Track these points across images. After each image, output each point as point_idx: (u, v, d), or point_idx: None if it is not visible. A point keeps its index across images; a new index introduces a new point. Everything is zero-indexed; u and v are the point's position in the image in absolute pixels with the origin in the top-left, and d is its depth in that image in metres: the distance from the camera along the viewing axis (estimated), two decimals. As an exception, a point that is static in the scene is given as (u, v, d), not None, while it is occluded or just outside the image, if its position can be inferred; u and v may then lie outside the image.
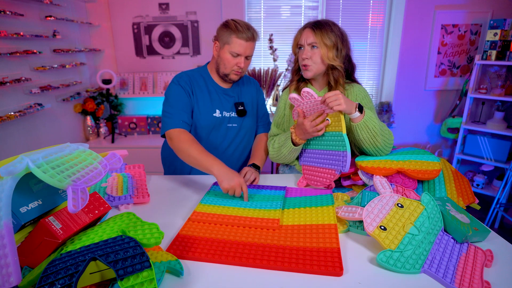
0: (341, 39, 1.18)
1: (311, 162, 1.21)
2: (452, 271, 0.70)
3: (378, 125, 1.10)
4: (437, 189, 1.02)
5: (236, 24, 1.23)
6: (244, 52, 1.25)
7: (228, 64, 1.27)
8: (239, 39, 1.22)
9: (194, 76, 1.36)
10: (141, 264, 0.60)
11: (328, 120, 1.12)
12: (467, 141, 2.76)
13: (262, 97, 1.52)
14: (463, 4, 2.69)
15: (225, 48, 1.26)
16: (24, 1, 2.04)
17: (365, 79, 3.01)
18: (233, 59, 1.26)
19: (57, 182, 0.63)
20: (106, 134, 2.88)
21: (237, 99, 1.40)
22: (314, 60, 1.19)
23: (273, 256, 0.76)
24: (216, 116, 1.35)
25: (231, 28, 1.22)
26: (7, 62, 1.91)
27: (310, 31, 1.18)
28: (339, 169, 1.08)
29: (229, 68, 1.28)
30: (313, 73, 1.21)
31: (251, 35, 1.23)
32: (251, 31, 1.23)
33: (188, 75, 1.35)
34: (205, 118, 1.34)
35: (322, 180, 1.14)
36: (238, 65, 1.27)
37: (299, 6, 2.81)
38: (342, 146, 1.08)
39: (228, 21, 1.26)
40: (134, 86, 2.87)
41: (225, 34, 1.24)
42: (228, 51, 1.25)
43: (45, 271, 0.56)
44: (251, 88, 1.47)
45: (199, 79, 1.36)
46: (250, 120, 1.45)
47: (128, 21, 2.78)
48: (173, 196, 1.16)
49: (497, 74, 2.57)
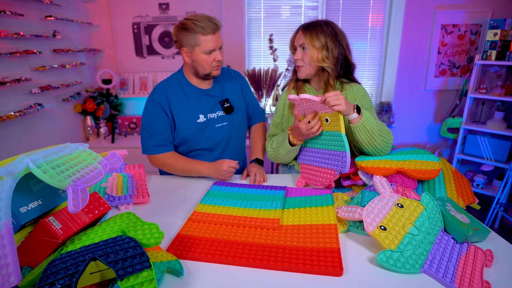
0: (332, 39, 1.16)
1: (309, 161, 1.20)
2: (452, 271, 0.70)
3: (376, 126, 1.09)
4: (437, 189, 1.02)
5: (194, 22, 1.16)
6: (217, 45, 1.21)
7: (206, 64, 1.23)
8: (206, 36, 1.17)
9: (171, 85, 1.31)
10: (141, 264, 0.60)
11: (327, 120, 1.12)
12: (467, 141, 2.76)
13: (246, 86, 1.48)
14: (463, 4, 2.69)
15: (196, 50, 1.21)
16: (24, 1, 2.04)
17: (365, 79, 3.01)
18: (209, 57, 1.22)
19: (57, 182, 0.63)
20: (106, 134, 2.88)
21: (221, 97, 1.37)
22: (305, 61, 1.20)
23: (273, 256, 0.76)
24: (200, 122, 1.32)
25: (192, 28, 1.16)
26: (7, 62, 1.91)
27: (302, 33, 1.19)
28: (339, 169, 1.08)
29: (209, 67, 1.25)
30: (305, 74, 1.23)
31: (215, 25, 1.18)
32: (212, 21, 1.18)
33: (163, 88, 1.30)
34: (188, 127, 1.31)
35: (321, 180, 1.14)
36: (216, 60, 1.23)
37: (299, 6, 2.81)
38: (341, 146, 1.07)
39: (184, 23, 1.19)
40: (134, 86, 2.87)
41: (189, 37, 1.19)
42: (200, 52, 1.20)
43: (45, 271, 0.56)
44: (233, 82, 1.42)
45: (176, 87, 1.31)
46: (240, 114, 1.42)
47: (128, 21, 2.78)
48: (173, 196, 1.16)
49: (497, 74, 2.57)
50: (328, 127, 1.13)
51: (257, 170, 1.29)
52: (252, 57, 2.96)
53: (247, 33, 2.86)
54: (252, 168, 1.31)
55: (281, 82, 2.73)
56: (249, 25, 2.87)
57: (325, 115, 1.11)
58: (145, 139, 1.30)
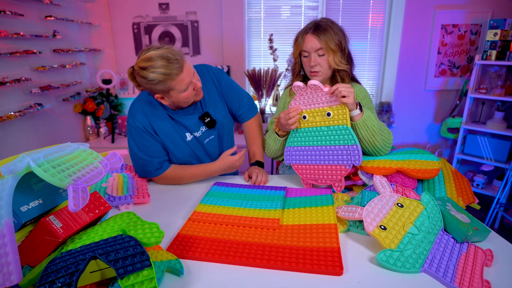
0: (343, 37, 1.17)
1: (307, 161, 1.15)
2: (452, 270, 0.70)
3: (377, 124, 1.10)
4: (437, 189, 1.02)
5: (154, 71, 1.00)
6: (190, 76, 1.07)
7: (188, 99, 1.12)
8: (178, 76, 1.03)
9: (149, 109, 1.19)
10: (141, 263, 0.60)
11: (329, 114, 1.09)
12: (467, 141, 2.76)
13: (223, 82, 1.29)
14: (463, 4, 2.69)
15: (172, 94, 1.08)
16: (24, 1, 2.04)
17: (365, 79, 3.01)
18: (189, 92, 1.10)
19: (57, 181, 0.63)
20: (106, 134, 2.88)
21: (200, 110, 1.24)
22: (323, 66, 1.17)
23: (273, 256, 0.76)
24: (189, 140, 1.24)
25: (158, 78, 1.01)
26: (7, 62, 1.91)
27: (314, 37, 1.14)
28: (350, 163, 1.06)
29: (191, 99, 1.14)
30: (322, 78, 1.20)
31: (176, 62, 1.02)
32: (176, 61, 1.01)
33: (142, 111, 1.18)
34: (180, 149, 1.24)
35: (330, 178, 1.11)
36: (195, 89, 1.12)
37: (299, 6, 2.82)
38: (349, 140, 1.05)
39: (144, 75, 1.01)
40: (134, 86, 2.87)
41: (159, 86, 1.04)
42: (178, 93, 1.08)
43: (45, 270, 0.56)
44: (207, 84, 1.26)
45: (154, 110, 1.19)
46: (225, 120, 1.31)
47: (128, 21, 2.78)
48: (173, 196, 1.16)
49: (497, 74, 2.58)
50: (332, 121, 1.08)
51: (259, 171, 1.28)
52: (252, 57, 2.97)
53: (247, 33, 2.86)
54: (253, 169, 1.29)
55: (281, 82, 2.73)
56: (249, 25, 2.87)
57: (327, 109, 1.08)
58: (142, 167, 1.22)
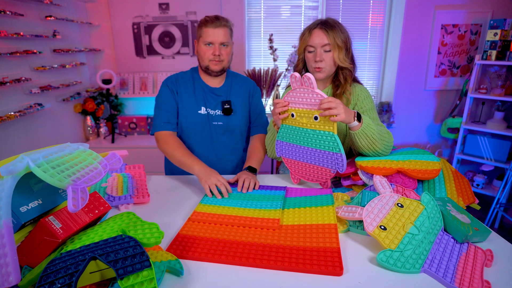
0: (348, 38, 1.18)
1: (297, 157, 1.15)
2: (452, 270, 0.70)
3: (377, 131, 1.07)
4: (437, 189, 1.02)
5: (206, 18, 1.29)
6: (215, 39, 1.27)
7: (204, 55, 1.31)
8: (208, 28, 1.27)
9: (184, 77, 1.41)
10: (141, 264, 0.60)
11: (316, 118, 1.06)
12: (467, 141, 2.76)
13: (257, 97, 1.49)
14: (463, 4, 2.69)
15: (199, 41, 1.31)
16: (24, 1, 2.04)
17: (365, 79, 3.01)
18: (207, 49, 1.29)
19: (57, 182, 0.63)
20: (106, 134, 2.88)
21: (225, 98, 1.41)
22: (328, 62, 1.16)
23: (273, 256, 0.76)
24: (201, 113, 1.38)
25: (201, 22, 1.30)
26: (7, 62, 1.91)
27: (323, 33, 1.14)
28: (335, 169, 1.07)
29: (206, 59, 1.31)
30: (325, 75, 1.19)
31: (218, 21, 1.27)
32: (219, 20, 1.28)
33: (176, 76, 1.41)
34: (190, 115, 1.37)
35: (317, 177, 1.13)
36: (213, 54, 1.29)
37: (299, 6, 2.81)
38: (334, 147, 1.03)
39: (201, 19, 1.32)
40: (134, 86, 2.87)
41: (198, 30, 1.32)
42: (202, 43, 1.30)
43: (45, 270, 0.56)
44: (244, 88, 1.45)
45: (188, 79, 1.40)
46: (240, 120, 1.42)
47: (128, 21, 2.78)
48: (173, 196, 1.16)
49: (497, 74, 2.58)
50: (318, 125, 1.06)
51: (246, 176, 1.18)
52: (252, 57, 2.97)
53: (247, 33, 2.86)
54: (242, 174, 1.21)
55: (281, 82, 2.73)
56: (249, 25, 2.87)
57: (315, 112, 1.05)
58: (155, 118, 1.38)
